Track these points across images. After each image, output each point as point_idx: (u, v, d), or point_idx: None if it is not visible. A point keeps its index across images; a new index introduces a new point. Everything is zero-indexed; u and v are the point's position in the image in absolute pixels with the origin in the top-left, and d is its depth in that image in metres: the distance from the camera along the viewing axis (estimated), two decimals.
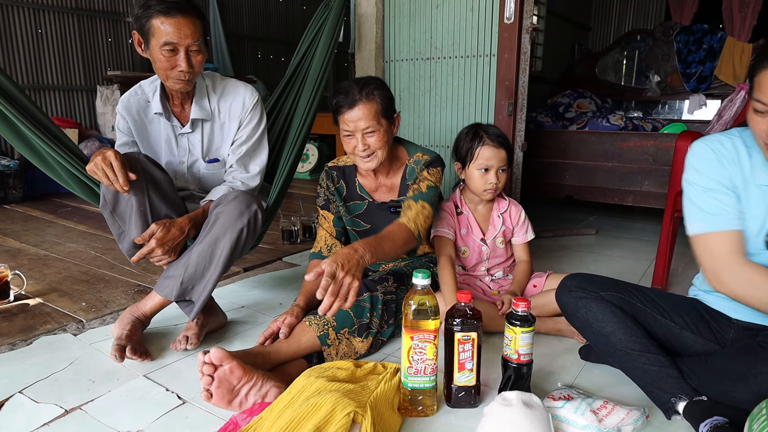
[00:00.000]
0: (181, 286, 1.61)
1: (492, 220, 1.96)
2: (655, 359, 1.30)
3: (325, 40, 2.21)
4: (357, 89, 1.66)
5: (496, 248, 1.95)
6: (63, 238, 3.00)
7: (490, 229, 1.95)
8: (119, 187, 1.50)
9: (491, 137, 1.84)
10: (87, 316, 1.90)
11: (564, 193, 3.35)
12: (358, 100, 1.65)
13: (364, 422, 1.13)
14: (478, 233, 1.94)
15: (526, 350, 1.32)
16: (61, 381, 1.48)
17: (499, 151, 1.84)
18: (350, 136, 1.69)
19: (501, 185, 1.88)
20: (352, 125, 1.66)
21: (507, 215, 1.96)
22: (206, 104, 1.80)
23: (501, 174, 1.86)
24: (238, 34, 6.96)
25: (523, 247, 1.98)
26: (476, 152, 1.84)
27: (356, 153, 1.71)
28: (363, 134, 1.67)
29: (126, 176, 1.50)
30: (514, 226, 1.97)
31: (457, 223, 1.93)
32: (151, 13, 1.57)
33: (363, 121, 1.65)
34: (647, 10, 5.89)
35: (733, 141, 1.28)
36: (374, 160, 1.72)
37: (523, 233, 1.97)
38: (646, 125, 3.57)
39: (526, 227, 1.98)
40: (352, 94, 1.65)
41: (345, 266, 1.35)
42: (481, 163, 1.84)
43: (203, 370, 1.26)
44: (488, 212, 1.96)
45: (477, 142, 1.85)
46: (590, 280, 1.43)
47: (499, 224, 1.94)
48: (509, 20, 2.46)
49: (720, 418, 1.14)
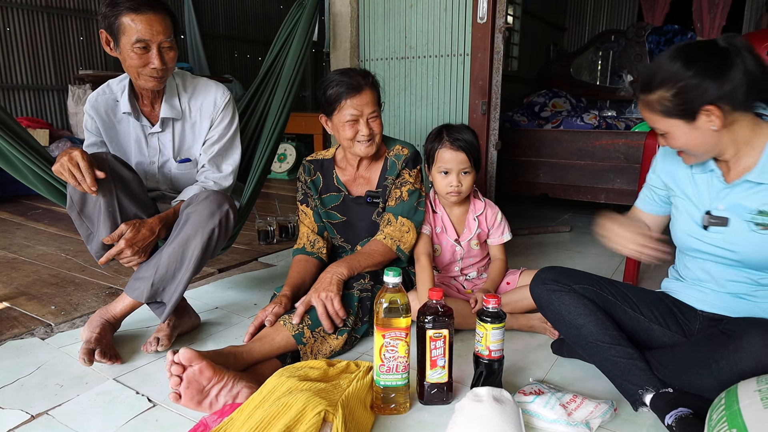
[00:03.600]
0: (151, 288, 1.59)
1: (467, 223, 1.94)
2: (624, 351, 1.32)
3: (299, 39, 2.20)
4: (360, 76, 1.72)
5: (471, 249, 1.94)
6: (32, 241, 2.94)
7: (465, 232, 1.93)
8: (87, 187, 1.47)
9: (451, 140, 1.80)
10: (56, 320, 1.87)
11: (539, 191, 3.38)
12: (364, 85, 1.71)
13: (335, 421, 1.13)
14: (453, 234, 1.92)
15: (497, 346, 1.34)
16: (28, 386, 1.44)
17: (458, 154, 1.79)
18: (354, 121, 1.72)
19: (465, 188, 1.84)
20: (360, 109, 1.70)
21: (483, 217, 1.94)
22: (176, 103, 1.78)
23: (463, 177, 1.82)
24: (214, 33, 6.90)
25: (499, 246, 1.97)
26: (436, 154, 1.83)
27: (358, 139, 1.74)
28: (368, 119, 1.73)
29: (93, 176, 1.47)
30: (490, 228, 1.95)
31: (433, 221, 1.92)
32: (120, 11, 1.55)
33: (369, 106, 1.72)
34: (620, 11, 5.99)
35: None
36: (374, 145, 1.78)
37: (499, 234, 1.95)
38: (619, 124, 3.62)
39: (503, 229, 1.96)
40: (356, 79, 1.70)
41: (318, 289, 1.59)
42: (440, 166, 1.82)
43: (171, 370, 1.25)
44: (464, 214, 1.94)
45: (437, 144, 1.83)
46: (564, 273, 1.46)
47: (475, 227, 1.92)
48: (482, 20, 2.48)
49: (685, 410, 1.17)
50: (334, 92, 1.71)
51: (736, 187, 1.25)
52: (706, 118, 1.17)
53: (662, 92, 1.19)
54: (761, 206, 1.22)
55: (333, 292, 1.56)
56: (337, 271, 1.64)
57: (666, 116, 1.22)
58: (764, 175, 1.21)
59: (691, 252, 1.39)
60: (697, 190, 1.35)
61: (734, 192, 1.26)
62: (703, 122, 1.18)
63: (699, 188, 1.34)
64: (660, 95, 1.20)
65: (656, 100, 1.21)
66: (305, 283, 1.73)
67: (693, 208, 1.35)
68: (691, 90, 1.15)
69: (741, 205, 1.25)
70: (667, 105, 1.20)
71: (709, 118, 1.17)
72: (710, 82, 1.14)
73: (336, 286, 1.58)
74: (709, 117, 1.17)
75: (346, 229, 1.91)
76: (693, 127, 1.20)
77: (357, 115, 1.71)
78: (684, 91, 1.16)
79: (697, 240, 1.34)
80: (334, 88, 1.71)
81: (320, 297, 1.55)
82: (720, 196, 1.29)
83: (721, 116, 1.16)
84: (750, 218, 1.23)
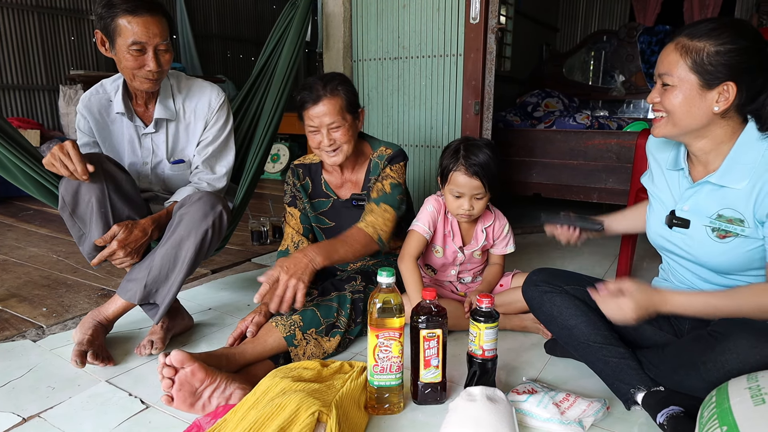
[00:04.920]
0: (144, 289, 1.58)
1: (476, 234, 1.88)
2: (616, 351, 1.33)
3: (292, 39, 2.19)
4: (321, 85, 1.66)
5: (472, 258, 1.91)
6: (24, 242, 2.91)
7: (471, 243, 1.88)
8: (79, 176, 1.46)
9: (467, 164, 1.68)
10: (47, 322, 1.86)
11: (532, 191, 3.39)
12: (322, 95, 1.65)
13: (329, 421, 1.13)
14: (459, 241, 1.86)
15: (490, 346, 1.34)
16: (19, 389, 1.43)
17: (472, 180, 1.69)
18: (315, 131, 1.69)
19: (477, 212, 1.76)
20: (317, 120, 1.66)
21: (491, 229, 1.89)
22: (171, 104, 1.78)
23: (476, 201, 1.74)
24: (206, 33, 6.88)
25: (500, 255, 1.94)
26: (450, 175, 1.73)
27: (322, 148, 1.71)
28: (328, 129, 1.67)
29: (85, 165, 1.46)
30: (496, 239, 1.91)
31: (442, 224, 1.85)
32: (117, 12, 1.54)
33: (328, 117, 1.65)
34: (612, 12, 6.02)
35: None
36: (340, 155, 1.72)
37: (503, 246, 1.92)
38: (611, 124, 3.64)
39: (508, 240, 1.92)
40: (316, 89, 1.65)
41: (290, 270, 1.48)
42: (453, 189, 1.73)
43: (163, 372, 1.24)
44: (473, 224, 1.88)
45: (452, 165, 1.71)
46: (555, 274, 1.47)
47: (482, 239, 1.87)
48: (475, 20, 2.49)
49: (676, 408, 1.18)
50: (299, 100, 1.69)
51: (701, 188, 1.26)
52: (718, 94, 1.14)
53: (709, 43, 1.13)
54: (720, 209, 1.22)
55: (304, 282, 1.48)
56: (314, 259, 1.54)
57: (690, 68, 1.15)
58: (725, 177, 1.21)
59: (661, 251, 1.42)
60: (667, 187, 1.36)
61: (698, 193, 1.27)
62: (713, 96, 1.15)
63: (669, 185, 1.36)
64: (704, 44, 1.13)
65: (695, 48, 1.14)
66: None
67: (661, 207, 1.37)
68: (736, 57, 1.11)
69: (702, 208, 1.26)
70: (702, 58, 1.13)
71: (721, 96, 1.14)
72: (756, 65, 1.11)
73: (308, 276, 1.51)
74: (721, 95, 1.14)
75: (336, 234, 1.89)
76: (701, 95, 1.16)
77: (316, 126, 1.67)
78: (730, 53, 1.11)
79: (665, 239, 1.36)
80: (299, 95, 1.69)
81: (289, 283, 1.47)
82: (685, 196, 1.30)
83: (730, 102, 1.14)
84: (708, 223, 1.24)
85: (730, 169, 1.20)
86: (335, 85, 1.67)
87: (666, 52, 1.19)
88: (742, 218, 1.20)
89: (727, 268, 1.26)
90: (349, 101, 1.70)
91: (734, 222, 1.21)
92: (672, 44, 1.19)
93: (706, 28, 1.14)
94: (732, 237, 1.21)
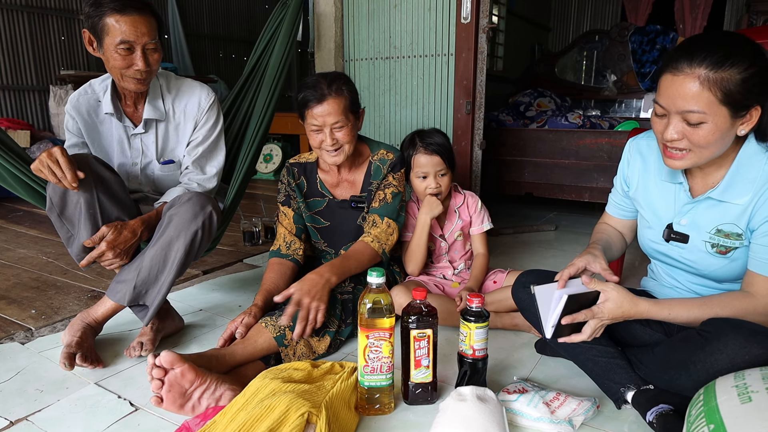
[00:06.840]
0: (134, 291, 1.57)
1: (449, 216, 2.00)
2: (605, 351, 1.34)
3: (283, 39, 2.19)
4: (325, 84, 1.65)
5: (455, 242, 2.00)
6: (13, 244, 2.89)
7: (446, 224, 1.99)
8: (67, 184, 1.44)
9: (424, 144, 1.87)
10: (36, 324, 1.84)
11: (524, 191, 3.40)
12: (327, 94, 1.64)
13: (318, 422, 1.12)
14: (437, 230, 1.97)
15: (481, 345, 1.34)
16: (6, 392, 1.42)
17: (432, 158, 1.86)
18: (318, 131, 1.69)
19: (444, 188, 1.91)
20: (321, 120, 1.65)
21: (464, 208, 1.99)
22: (160, 104, 1.76)
23: (441, 178, 1.90)
24: (198, 33, 6.85)
25: (481, 238, 2.00)
26: (412, 160, 1.90)
27: (323, 147, 1.71)
28: (331, 129, 1.67)
29: (74, 173, 1.44)
30: (472, 215, 2.00)
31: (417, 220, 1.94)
32: (105, 11, 1.53)
33: (332, 116, 1.65)
34: (604, 11, 6.06)
35: (651, 139, 1.37)
36: (341, 155, 1.72)
37: (480, 222, 1.99)
38: (603, 123, 3.67)
39: (483, 216, 2.00)
40: (320, 88, 1.64)
41: (311, 292, 1.52)
42: (418, 171, 1.89)
43: (152, 373, 1.23)
44: (445, 210, 1.98)
45: (412, 150, 1.89)
46: (544, 276, 1.46)
47: (456, 218, 1.98)
48: (466, 20, 2.49)
49: (665, 406, 1.18)
50: (301, 99, 1.68)
51: (700, 203, 1.25)
52: (744, 118, 1.09)
53: (733, 72, 1.04)
54: (720, 224, 1.22)
55: (324, 303, 1.53)
56: (329, 279, 1.59)
57: (722, 101, 1.06)
58: (726, 193, 1.20)
59: (655, 258, 1.42)
60: (663, 200, 1.34)
61: (697, 208, 1.26)
62: (739, 122, 1.09)
63: (665, 199, 1.34)
64: (730, 74, 1.04)
65: (722, 80, 1.04)
66: (279, 289, 1.67)
67: (655, 219, 1.36)
68: (758, 79, 1.05)
69: (702, 222, 1.25)
70: (730, 89, 1.04)
71: (747, 119, 1.09)
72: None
73: (327, 296, 1.56)
74: (749, 119, 1.09)
75: (331, 234, 1.90)
76: (732, 125, 1.09)
77: (319, 125, 1.67)
78: (754, 78, 1.04)
79: (661, 253, 1.36)
80: (302, 94, 1.68)
81: (311, 305, 1.52)
82: (683, 211, 1.29)
83: (753, 124, 1.09)
84: (708, 238, 1.24)
85: (731, 185, 1.19)
86: (340, 85, 1.67)
87: (686, 87, 1.07)
88: (740, 232, 1.20)
89: (726, 277, 1.26)
90: (352, 101, 1.71)
91: (731, 236, 1.21)
92: (691, 78, 1.06)
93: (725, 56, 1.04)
94: (732, 251, 1.22)
